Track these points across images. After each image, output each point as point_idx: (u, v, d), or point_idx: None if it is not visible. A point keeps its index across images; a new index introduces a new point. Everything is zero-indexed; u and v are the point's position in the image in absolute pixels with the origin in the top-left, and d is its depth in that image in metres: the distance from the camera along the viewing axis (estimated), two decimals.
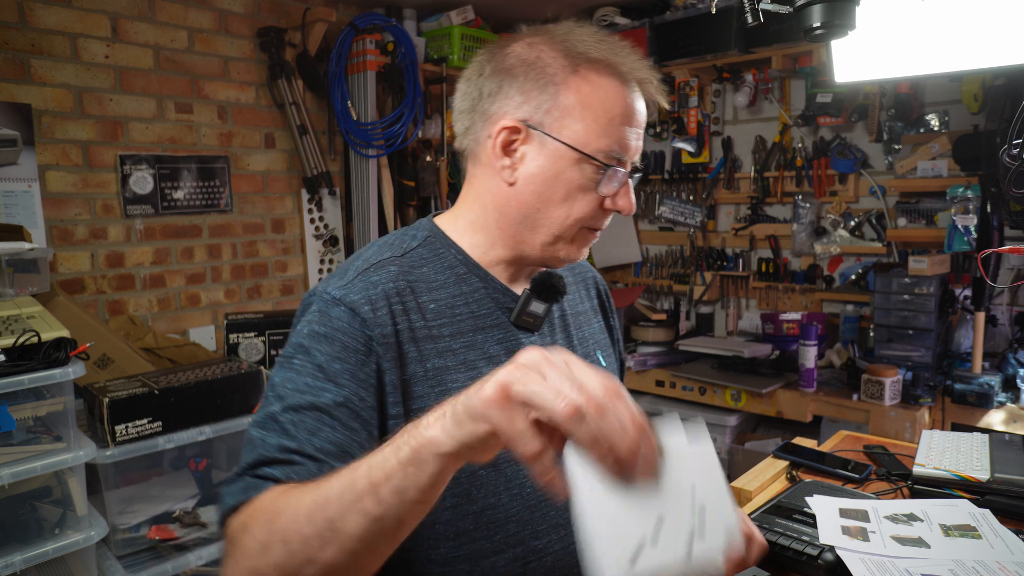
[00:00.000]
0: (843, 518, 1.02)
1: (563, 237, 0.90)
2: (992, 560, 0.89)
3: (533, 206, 0.88)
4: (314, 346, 0.80)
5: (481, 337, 0.90)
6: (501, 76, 0.88)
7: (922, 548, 0.93)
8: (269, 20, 2.75)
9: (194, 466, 2.01)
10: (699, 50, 2.85)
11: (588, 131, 0.85)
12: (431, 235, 0.95)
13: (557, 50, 0.87)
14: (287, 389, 0.78)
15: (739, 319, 3.35)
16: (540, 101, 0.86)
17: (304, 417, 0.76)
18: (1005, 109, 2.11)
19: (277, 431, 0.75)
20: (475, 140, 0.92)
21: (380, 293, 0.84)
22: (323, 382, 0.78)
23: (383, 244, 0.94)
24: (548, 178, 0.87)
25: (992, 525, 1.00)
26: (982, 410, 2.25)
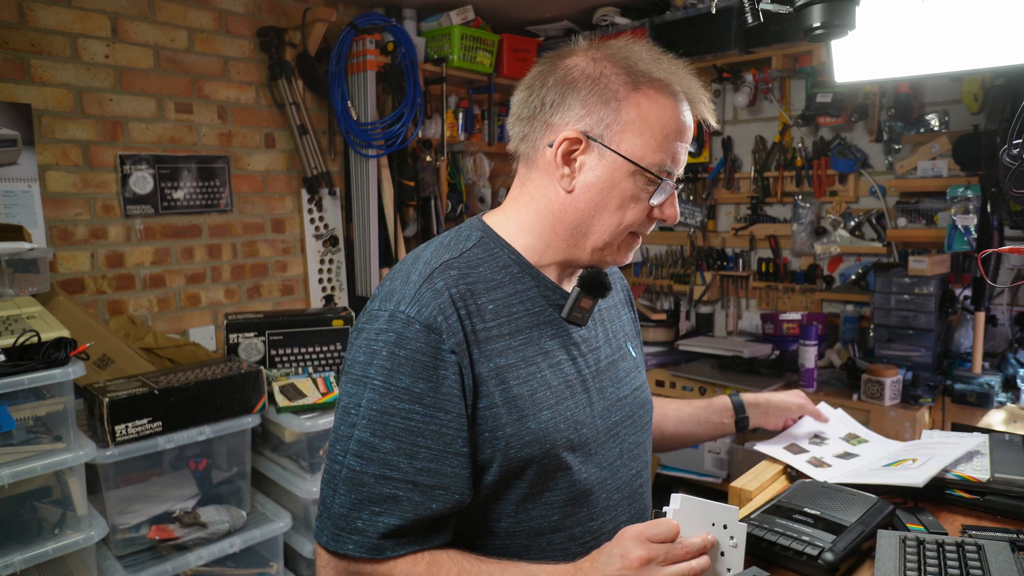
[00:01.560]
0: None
1: (612, 243, 0.96)
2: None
3: (588, 213, 0.94)
4: (396, 368, 0.86)
5: (537, 334, 0.96)
6: (565, 88, 0.93)
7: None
8: (269, 20, 2.75)
9: (194, 466, 2.01)
10: (699, 50, 2.85)
11: (645, 146, 0.91)
12: (485, 235, 0.99)
13: (619, 67, 0.92)
14: (374, 411, 0.86)
15: (739, 319, 3.35)
16: (602, 115, 0.91)
17: (401, 444, 0.85)
18: (1005, 109, 2.11)
19: (379, 463, 0.85)
20: (533, 147, 0.97)
21: (447, 300, 0.89)
22: (410, 404, 0.85)
23: (440, 245, 0.98)
24: (604, 188, 0.93)
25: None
26: (982, 410, 2.25)
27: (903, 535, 1.00)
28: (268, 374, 2.18)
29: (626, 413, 1.04)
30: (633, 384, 1.08)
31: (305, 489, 2.06)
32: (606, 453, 0.99)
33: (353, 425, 0.86)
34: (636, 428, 1.06)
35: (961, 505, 1.15)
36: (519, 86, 1.00)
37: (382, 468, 0.84)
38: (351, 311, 2.46)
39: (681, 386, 2.85)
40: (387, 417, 0.85)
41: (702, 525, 0.87)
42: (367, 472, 0.85)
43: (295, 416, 2.07)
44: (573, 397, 0.96)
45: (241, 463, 2.08)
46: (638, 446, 1.06)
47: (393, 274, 0.95)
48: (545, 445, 0.91)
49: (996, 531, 1.04)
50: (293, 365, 2.36)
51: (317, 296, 3.01)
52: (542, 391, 0.93)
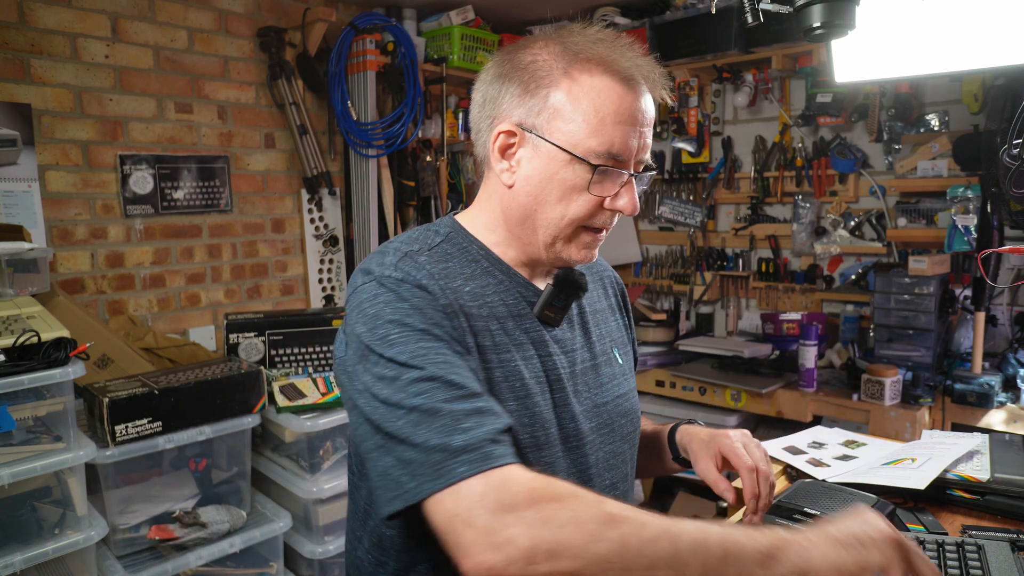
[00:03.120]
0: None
1: (560, 237, 0.91)
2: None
3: (530, 207, 0.90)
4: (405, 318, 0.80)
5: (512, 324, 0.92)
6: (501, 81, 0.90)
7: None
8: (269, 20, 2.75)
9: (194, 466, 2.01)
10: (699, 50, 2.85)
11: (579, 131, 0.85)
12: (453, 231, 0.96)
13: (553, 52, 0.88)
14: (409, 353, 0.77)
15: (739, 319, 3.35)
16: (532, 104, 0.87)
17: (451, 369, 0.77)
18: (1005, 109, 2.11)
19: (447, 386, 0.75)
20: (483, 145, 0.94)
21: (427, 273, 0.86)
22: (435, 342, 0.79)
23: (407, 239, 0.93)
24: (542, 180, 0.88)
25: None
26: (982, 410, 2.25)
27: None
28: (268, 374, 2.18)
29: (603, 421, 0.98)
30: (616, 392, 1.02)
31: (305, 489, 2.06)
32: (575, 459, 0.93)
33: (395, 377, 0.76)
34: (614, 437, 0.99)
35: (961, 505, 1.15)
36: (476, 83, 0.97)
37: (452, 389, 0.75)
38: None
39: (681, 386, 2.85)
40: (427, 351, 0.78)
41: None
42: (442, 399, 0.74)
43: (295, 416, 2.07)
44: (542, 394, 0.90)
45: (241, 463, 2.08)
46: (615, 456, 0.99)
47: (365, 263, 0.90)
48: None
49: (996, 531, 1.04)
50: (293, 365, 2.36)
51: (317, 296, 3.01)
52: (513, 380, 0.88)
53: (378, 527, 0.92)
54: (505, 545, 0.62)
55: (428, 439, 0.71)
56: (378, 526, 0.92)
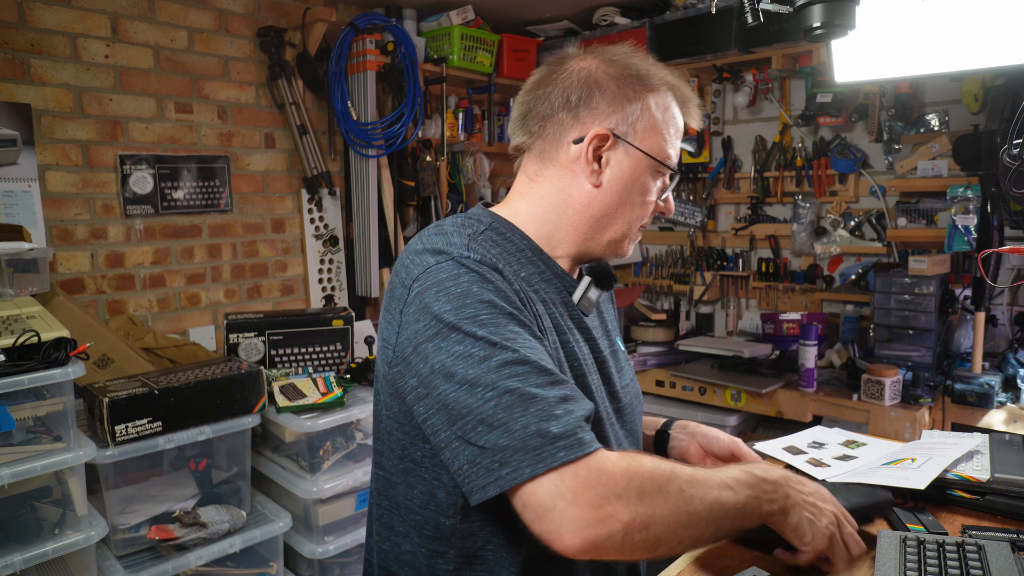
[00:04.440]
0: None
1: (627, 235, 1.02)
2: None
3: (614, 207, 0.98)
4: (495, 298, 0.83)
5: (557, 311, 0.98)
6: (591, 87, 0.96)
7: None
8: (269, 20, 2.75)
9: (194, 466, 2.01)
10: (699, 50, 2.85)
11: (663, 143, 0.98)
12: (495, 221, 0.99)
13: (634, 70, 0.98)
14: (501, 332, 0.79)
15: (739, 319, 3.35)
16: (627, 113, 0.96)
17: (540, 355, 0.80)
18: (1005, 109, 2.11)
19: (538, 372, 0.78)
20: (554, 143, 0.99)
21: (496, 254, 0.91)
22: (520, 328, 0.82)
23: (455, 223, 0.95)
24: (628, 182, 0.98)
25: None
26: (982, 410, 2.25)
27: (903, 535, 1.00)
28: (268, 374, 2.18)
29: (626, 402, 1.06)
30: (629, 374, 1.12)
31: (305, 489, 2.06)
32: (614, 434, 1.02)
33: (486, 358, 0.77)
34: (634, 415, 1.09)
35: (961, 505, 1.15)
36: (529, 84, 1.02)
37: (543, 376, 0.78)
38: (351, 311, 2.46)
39: (681, 386, 2.85)
40: (515, 334, 0.80)
41: None
42: (533, 384, 0.76)
43: (295, 416, 2.07)
44: (589, 375, 0.97)
45: (241, 463, 2.08)
46: (634, 434, 1.09)
47: (424, 242, 0.90)
48: None
49: (996, 531, 1.04)
50: (293, 365, 2.36)
51: (317, 296, 3.01)
52: (572, 360, 0.95)
53: (434, 518, 0.90)
54: (608, 520, 0.71)
55: (526, 424, 0.73)
56: (434, 516, 0.90)
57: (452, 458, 0.78)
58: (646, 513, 0.72)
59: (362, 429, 2.24)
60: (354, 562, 2.24)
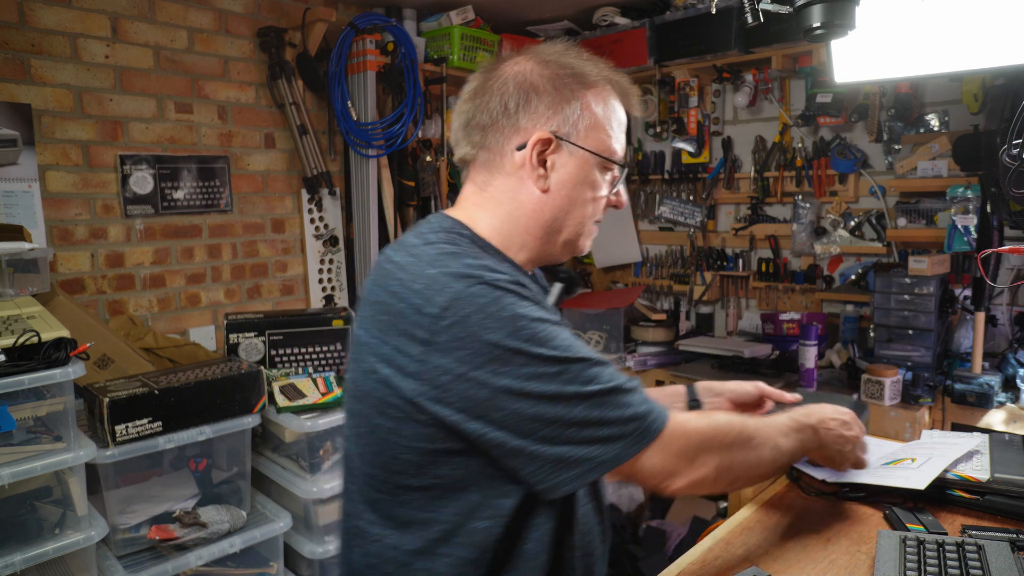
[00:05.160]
0: None
1: (583, 233, 1.02)
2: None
3: (564, 209, 0.99)
4: (542, 315, 0.87)
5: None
6: (527, 91, 0.96)
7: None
8: (269, 20, 2.75)
9: (194, 466, 2.02)
10: (699, 50, 2.85)
11: (608, 139, 0.99)
12: (461, 233, 0.96)
13: (569, 69, 0.98)
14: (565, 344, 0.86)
15: (739, 319, 3.35)
16: (567, 114, 0.96)
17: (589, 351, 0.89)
18: (1005, 109, 2.11)
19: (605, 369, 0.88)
20: (498, 152, 0.98)
21: (506, 270, 0.92)
22: (568, 332, 0.90)
23: (441, 239, 0.93)
24: (576, 183, 0.98)
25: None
26: (982, 410, 2.25)
27: (903, 535, 1.00)
28: (268, 374, 2.18)
29: None
30: None
31: (305, 489, 2.06)
32: None
33: (556, 375, 0.83)
34: None
35: (961, 505, 1.15)
36: (466, 93, 1.00)
37: (609, 368, 0.89)
38: (351, 311, 2.46)
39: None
40: (572, 343, 0.87)
41: None
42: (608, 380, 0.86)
43: (295, 416, 2.07)
44: None
45: (241, 463, 2.08)
46: None
47: (417, 270, 0.88)
48: None
49: (996, 531, 1.04)
50: (293, 365, 2.36)
51: (317, 296, 3.01)
52: None
53: (473, 534, 0.90)
54: (701, 467, 0.91)
55: (622, 412, 0.86)
56: (473, 533, 0.90)
57: (527, 462, 0.85)
58: (728, 460, 0.93)
59: None
60: None
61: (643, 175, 3.48)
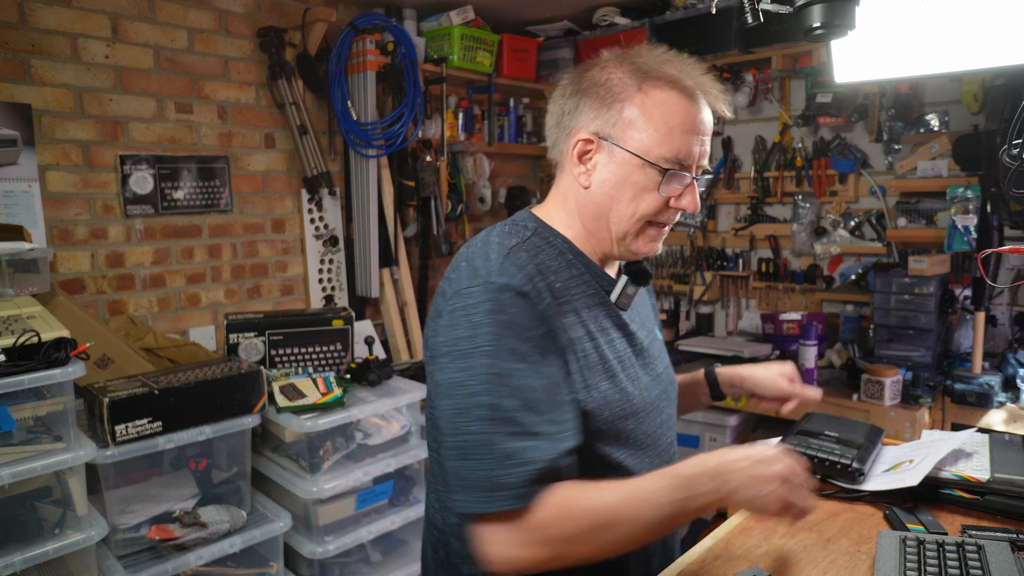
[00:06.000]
0: None
1: (630, 232, 1.03)
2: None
3: (605, 206, 1.02)
4: (501, 332, 0.91)
5: (594, 312, 1.04)
6: (578, 96, 1.03)
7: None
8: (269, 20, 2.75)
9: (194, 466, 2.01)
10: (699, 50, 2.85)
11: (650, 140, 0.98)
12: (539, 226, 1.06)
13: (625, 71, 1.00)
14: (489, 375, 0.90)
15: (739, 319, 3.35)
16: (608, 116, 1.00)
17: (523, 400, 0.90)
18: (1005, 109, 2.11)
19: (506, 422, 0.89)
20: (560, 151, 1.07)
21: (527, 274, 0.96)
22: (518, 363, 0.91)
23: (502, 233, 1.04)
24: (616, 182, 1.01)
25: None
26: (982, 410, 2.25)
27: (903, 535, 1.00)
28: (268, 374, 2.18)
29: (662, 389, 1.13)
30: (664, 362, 1.19)
31: (305, 489, 2.06)
32: (650, 423, 1.08)
33: (472, 394, 0.90)
34: (669, 402, 1.16)
35: (961, 505, 1.15)
36: (552, 96, 1.09)
37: (509, 426, 0.89)
38: (351, 311, 2.46)
39: None
40: (503, 378, 0.90)
41: None
42: (496, 432, 0.89)
43: (295, 416, 2.07)
44: (625, 371, 1.05)
45: (241, 463, 2.08)
46: (670, 418, 1.16)
47: (469, 255, 0.99)
48: (604, 412, 0.99)
49: (996, 531, 1.04)
50: (293, 365, 2.36)
51: (317, 296, 3.01)
52: (603, 364, 1.02)
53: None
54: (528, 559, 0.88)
55: (481, 467, 0.88)
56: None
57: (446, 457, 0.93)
58: (564, 552, 0.88)
59: (362, 429, 2.24)
60: (354, 562, 2.24)
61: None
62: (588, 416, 0.98)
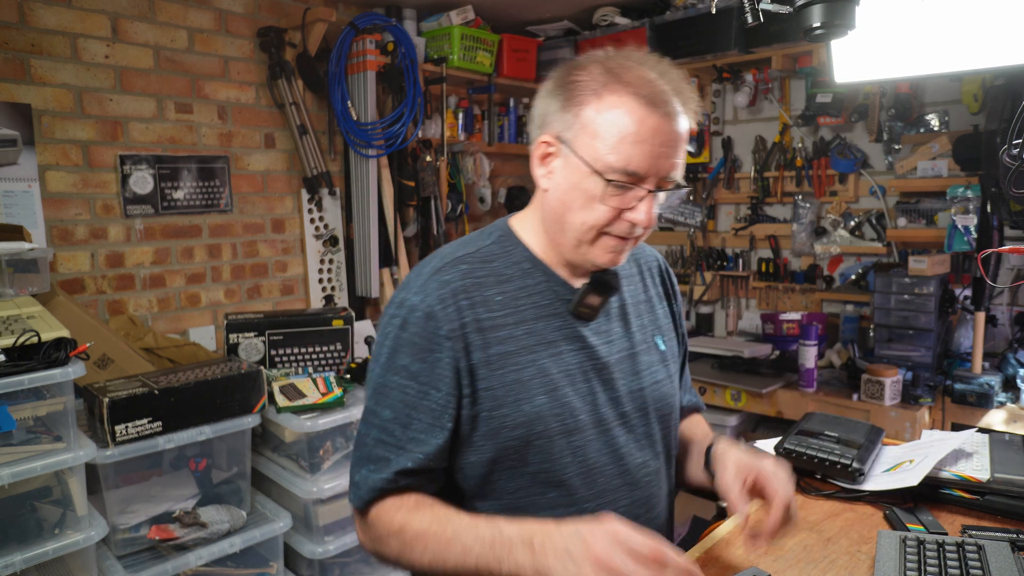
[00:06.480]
0: None
1: (583, 241, 0.99)
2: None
3: (559, 211, 0.99)
4: (399, 348, 0.98)
5: (542, 325, 1.02)
6: (550, 97, 1.00)
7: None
8: (269, 20, 2.74)
9: (194, 466, 2.01)
10: (699, 50, 2.85)
11: (600, 148, 0.93)
12: (503, 234, 1.07)
13: (595, 73, 0.95)
14: (380, 383, 0.99)
15: (739, 319, 3.35)
16: (567, 120, 0.96)
17: (397, 413, 0.97)
18: (1005, 109, 2.11)
19: (380, 428, 0.98)
20: (532, 152, 1.05)
21: (449, 292, 0.98)
22: (408, 380, 0.96)
23: (460, 242, 1.07)
24: (569, 187, 0.97)
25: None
26: (982, 410, 2.25)
27: (903, 535, 1.00)
28: (268, 374, 2.18)
29: (638, 404, 1.08)
30: (654, 377, 1.11)
31: (305, 489, 2.06)
32: (607, 440, 1.03)
33: (367, 398, 1.00)
34: (649, 420, 1.09)
35: (961, 505, 1.15)
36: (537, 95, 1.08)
37: (380, 433, 0.97)
38: (351, 311, 2.46)
39: None
40: (387, 389, 0.97)
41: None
42: (369, 435, 0.98)
43: (295, 416, 2.07)
44: (572, 385, 1.01)
45: (241, 463, 2.08)
46: (648, 437, 1.09)
47: (418, 266, 1.05)
48: (538, 427, 0.98)
49: (996, 531, 1.04)
50: (293, 365, 2.36)
51: (317, 296, 3.01)
52: (539, 378, 0.99)
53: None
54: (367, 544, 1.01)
55: (353, 461, 1.01)
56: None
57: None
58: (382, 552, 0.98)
59: None
60: (354, 562, 2.24)
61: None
62: (515, 430, 0.97)
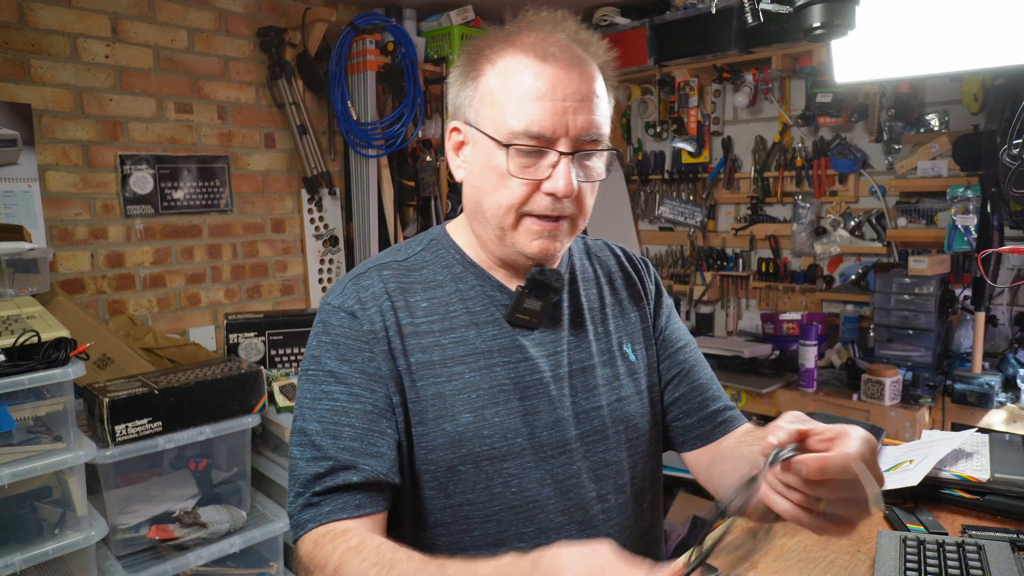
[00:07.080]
0: None
1: (505, 227, 0.88)
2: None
3: (476, 199, 0.90)
4: (323, 354, 0.89)
5: (474, 333, 0.91)
6: (454, 82, 0.92)
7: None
8: (269, 20, 2.74)
9: (194, 466, 2.01)
10: (699, 50, 2.85)
11: (500, 116, 0.83)
12: (435, 238, 0.99)
13: (490, 41, 0.87)
14: (306, 399, 0.88)
15: (739, 319, 3.35)
16: (468, 98, 0.88)
17: (326, 425, 0.85)
18: (1005, 109, 2.11)
19: (309, 446, 0.85)
20: None
21: (369, 295, 0.90)
22: (335, 385, 0.87)
23: (390, 250, 1.00)
24: (480, 169, 0.88)
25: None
26: (982, 410, 2.25)
27: (903, 535, 1.00)
28: (268, 374, 2.18)
29: (594, 427, 0.93)
30: (617, 393, 0.96)
31: None
32: (551, 468, 0.89)
33: (296, 416, 0.89)
34: (607, 445, 0.94)
35: (961, 505, 1.15)
36: None
37: (311, 451, 0.84)
38: None
39: None
40: (315, 402, 0.87)
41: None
42: (302, 458, 0.85)
43: None
44: (505, 404, 0.88)
45: (241, 463, 2.08)
46: (607, 466, 0.93)
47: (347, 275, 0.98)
48: (461, 450, 0.86)
49: (996, 531, 1.04)
50: (293, 365, 2.36)
51: (317, 296, 3.01)
52: (466, 393, 0.88)
53: None
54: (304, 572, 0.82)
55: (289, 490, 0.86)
56: None
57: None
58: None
59: None
60: None
61: (643, 175, 3.48)
62: (432, 452, 0.86)
